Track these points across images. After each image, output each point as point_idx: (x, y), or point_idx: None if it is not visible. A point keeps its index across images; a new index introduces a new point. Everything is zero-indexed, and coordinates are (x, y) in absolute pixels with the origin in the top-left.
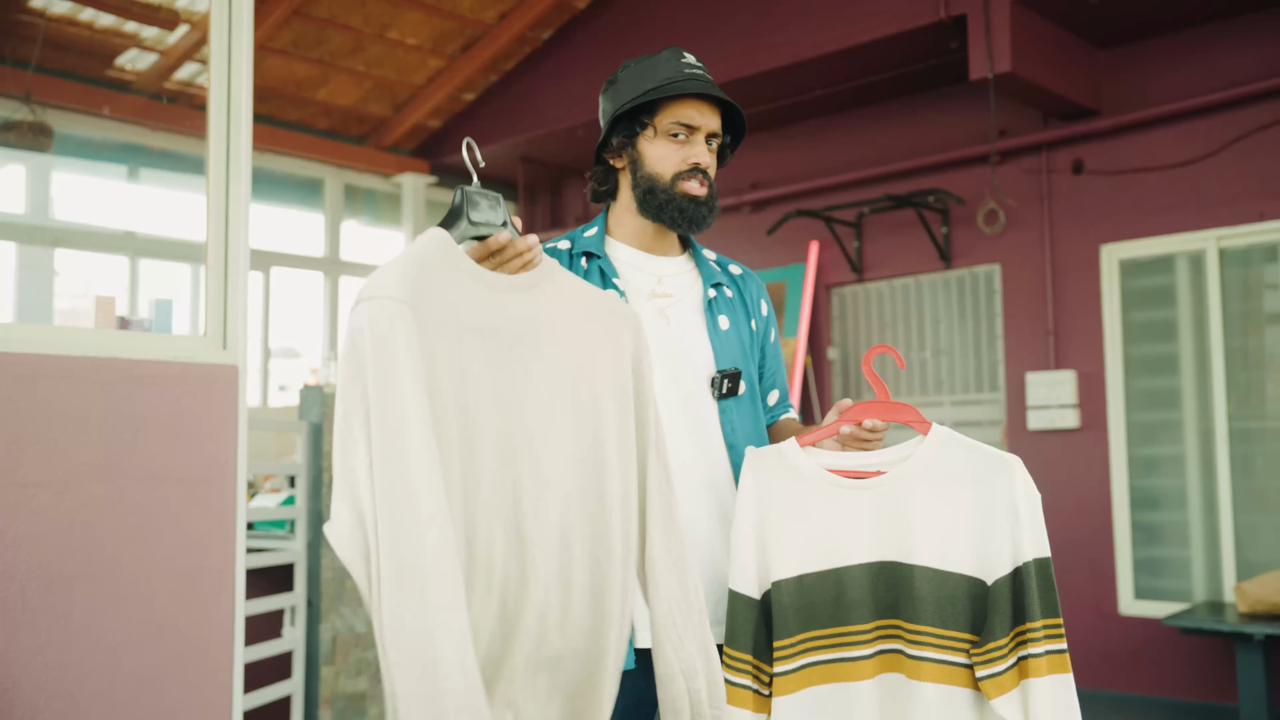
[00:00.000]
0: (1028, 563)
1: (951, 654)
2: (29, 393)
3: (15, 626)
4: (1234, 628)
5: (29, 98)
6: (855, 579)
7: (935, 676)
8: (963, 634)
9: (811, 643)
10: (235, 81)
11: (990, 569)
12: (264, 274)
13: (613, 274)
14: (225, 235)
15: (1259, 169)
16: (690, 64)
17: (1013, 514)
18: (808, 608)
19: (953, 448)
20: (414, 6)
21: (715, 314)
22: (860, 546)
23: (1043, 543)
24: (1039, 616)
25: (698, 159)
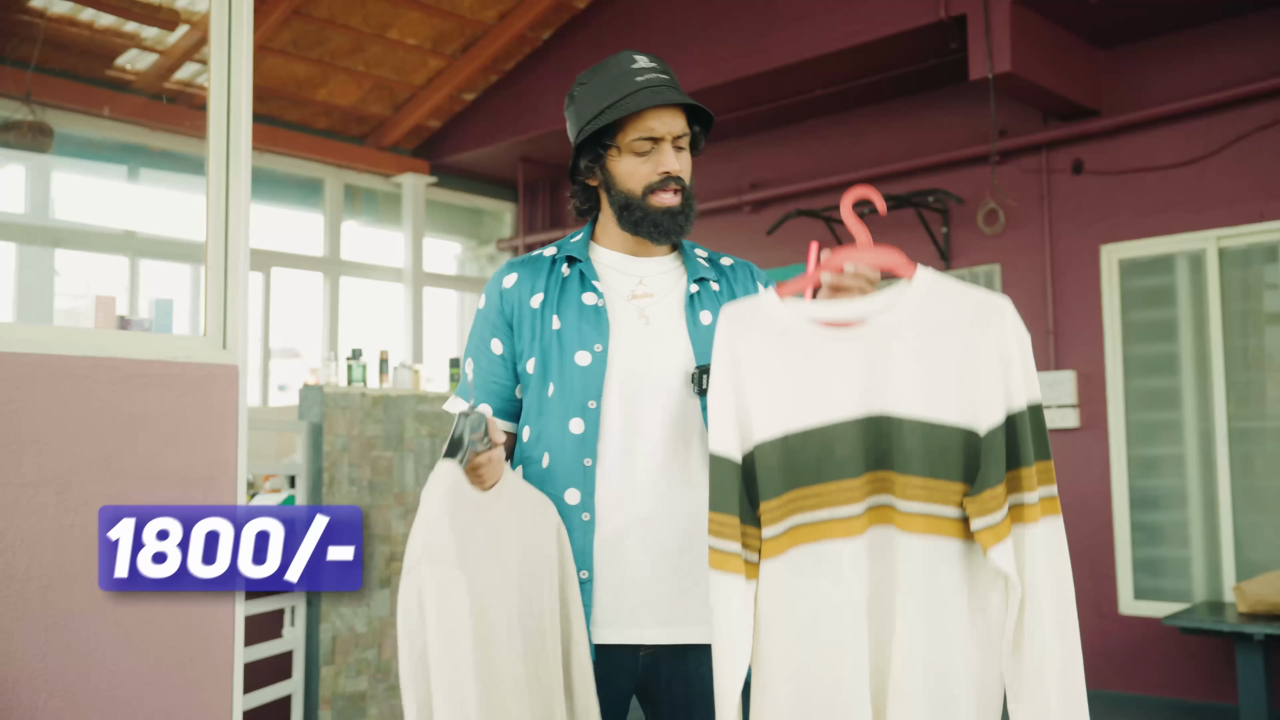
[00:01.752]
0: (1021, 410)
1: (942, 505)
2: (29, 393)
3: (15, 626)
4: (1234, 628)
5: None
6: (842, 435)
7: (924, 528)
8: (954, 484)
9: (798, 502)
10: (235, 81)
11: (982, 417)
12: (264, 274)
13: (593, 277)
14: (225, 235)
15: (1259, 169)
16: (643, 68)
17: (1004, 360)
18: (793, 467)
19: (940, 292)
20: (414, 6)
21: (697, 310)
22: (846, 400)
23: (1034, 387)
24: (1032, 461)
25: (666, 168)
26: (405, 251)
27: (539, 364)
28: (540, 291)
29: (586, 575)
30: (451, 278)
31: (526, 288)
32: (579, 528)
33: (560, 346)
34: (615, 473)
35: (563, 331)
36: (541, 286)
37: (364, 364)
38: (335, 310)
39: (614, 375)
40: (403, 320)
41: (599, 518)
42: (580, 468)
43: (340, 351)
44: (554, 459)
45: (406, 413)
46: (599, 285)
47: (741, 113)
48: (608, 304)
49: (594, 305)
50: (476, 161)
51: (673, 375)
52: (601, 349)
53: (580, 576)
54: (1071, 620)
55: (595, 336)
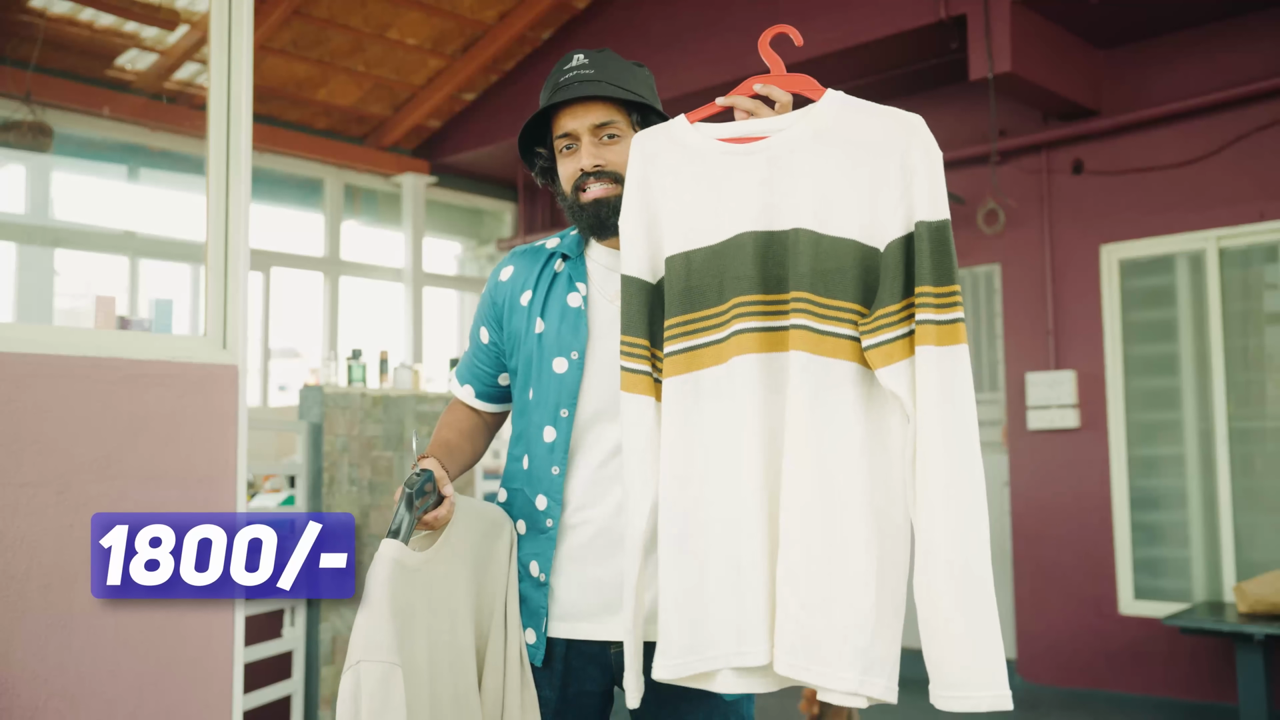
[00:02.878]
0: (920, 223)
1: (835, 325)
2: (29, 393)
3: (15, 626)
4: (1234, 628)
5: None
6: (740, 249)
7: (813, 347)
8: (849, 304)
9: (696, 323)
10: (235, 81)
11: (881, 234)
12: (264, 274)
13: (580, 278)
14: (225, 235)
15: (1259, 169)
16: (569, 69)
17: (907, 173)
18: (690, 287)
19: (847, 110)
20: (414, 6)
21: None
22: (744, 216)
23: (941, 204)
24: (929, 282)
25: (581, 164)
26: (405, 251)
27: (522, 367)
28: (530, 289)
29: (545, 578)
30: (451, 278)
31: (520, 283)
32: (544, 532)
33: (540, 351)
34: (584, 481)
35: (544, 336)
36: (532, 284)
37: (364, 364)
38: (335, 310)
39: (589, 383)
40: (403, 320)
41: (564, 524)
42: (549, 475)
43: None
44: (531, 462)
45: (406, 413)
46: (584, 286)
47: None
48: (591, 306)
49: (576, 308)
50: (476, 161)
51: None
52: (579, 356)
53: (539, 579)
54: (969, 451)
55: (573, 343)
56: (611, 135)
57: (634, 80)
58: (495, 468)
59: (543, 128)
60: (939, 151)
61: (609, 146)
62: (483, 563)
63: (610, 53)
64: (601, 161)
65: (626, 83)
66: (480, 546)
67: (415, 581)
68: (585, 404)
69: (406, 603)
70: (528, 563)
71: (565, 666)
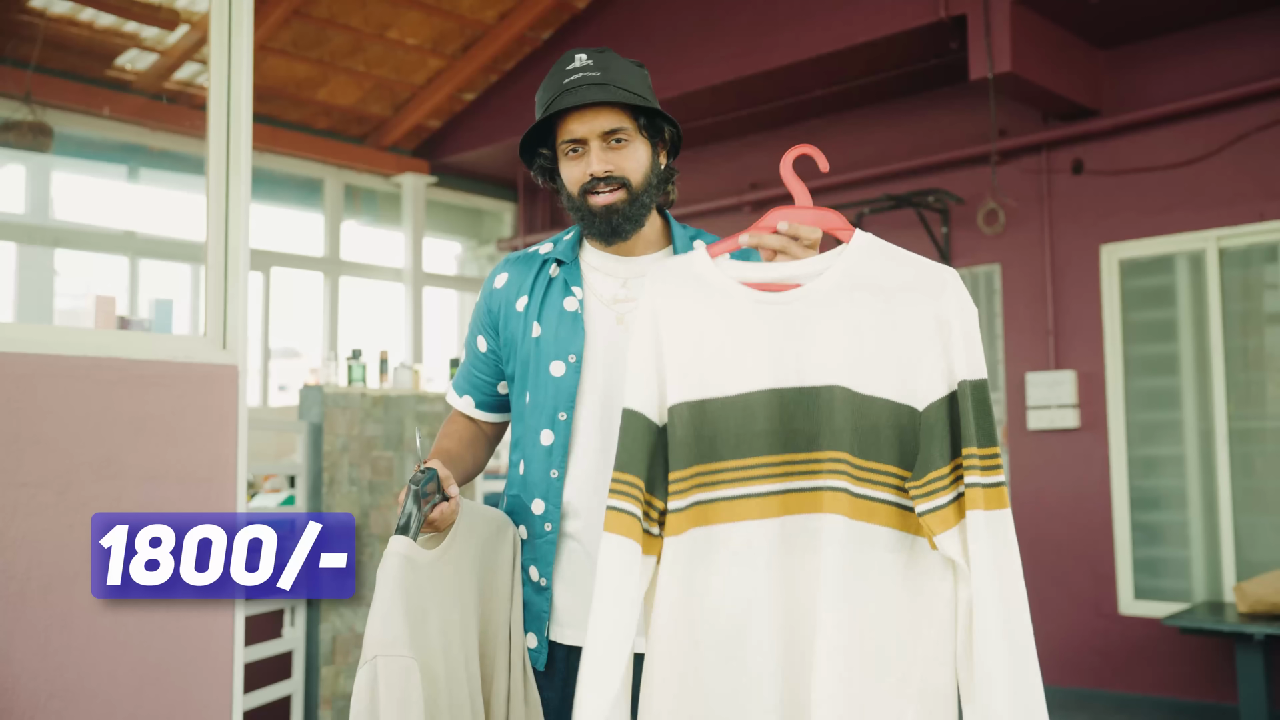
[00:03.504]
0: (964, 383)
1: (873, 488)
2: (29, 393)
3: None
4: (1234, 628)
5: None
6: (759, 407)
7: (851, 511)
8: (886, 465)
9: (706, 477)
10: (235, 81)
11: (921, 393)
12: (264, 274)
13: (575, 283)
14: (225, 235)
15: (1259, 169)
16: (574, 69)
17: (944, 331)
18: (703, 438)
19: (878, 258)
20: (414, 6)
21: None
22: (770, 370)
23: (979, 363)
24: (975, 444)
25: (592, 170)
26: (405, 251)
27: (519, 371)
28: (525, 294)
29: (545, 583)
30: (451, 278)
31: (514, 289)
32: (542, 537)
33: (538, 355)
34: (582, 485)
35: (541, 339)
36: (528, 289)
37: (364, 364)
38: (335, 310)
39: (587, 386)
40: (403, 320)
41: (563, 529)
42: (547, 479)
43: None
44: (528, 467)
45: (406, 413)
46: (580, 290)
47: (741, 113)
48: (587, 309)
49: (573, 311)
50: (476, 161)
51: None
52: (576, 359)
53: (539, 583)
54: (1023, 621)
55: (571, 346)
56: (619, 140)
57: (638, 82)
58: (495, 468)
59: (543, 126)
60: (973, 306)
61: (617, 151)
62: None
63: (611, 52)
64: (611, 167)
65: (632, 85)
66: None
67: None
68: (583, 407)
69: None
70: (528, 567)
71: (567, 670)
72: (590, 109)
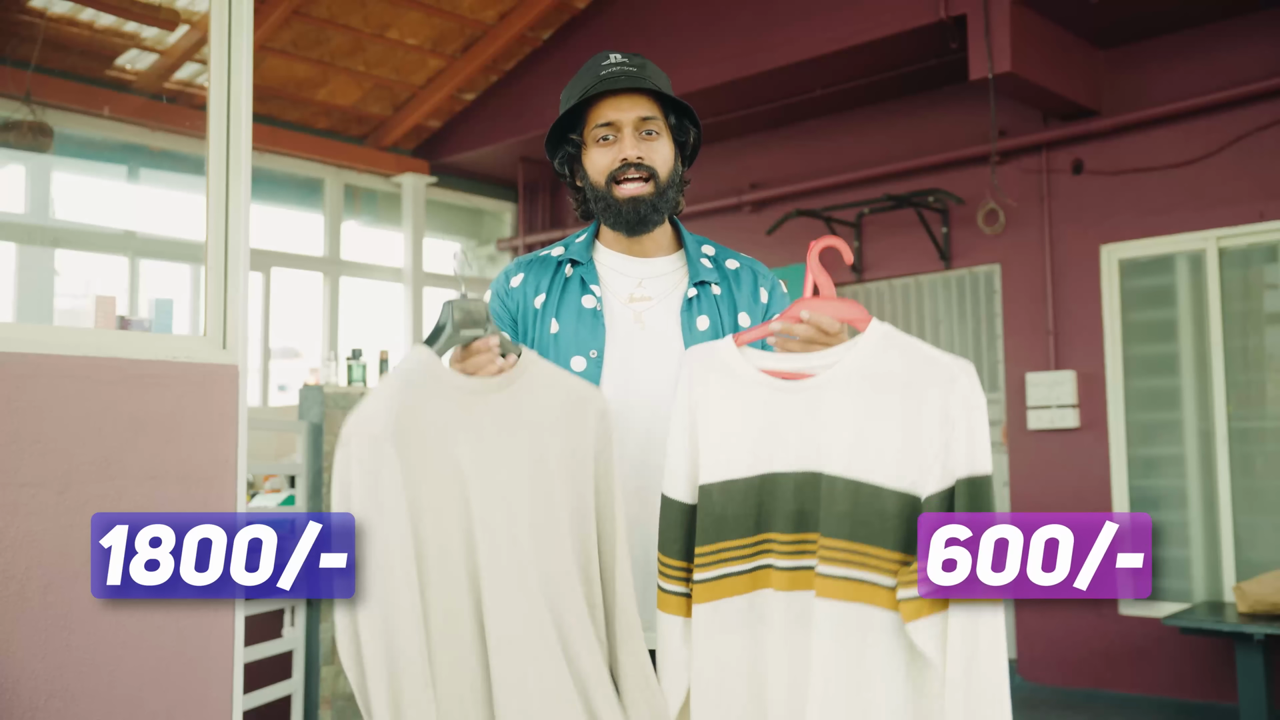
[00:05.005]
0: (960, 481)
1: (869, 572)
2: (29, 393)
3: (15, 626)
4: (1234, 628)
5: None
6: (778, 487)
7: (844, 594)
8: (886, 551)
9: (730, 552)
10: (235, 81)
11: (922, 484)
12: (264, 274)
13: (593, 281)
14: (225, 235)
15: (1259, 169)
16: (611, 64)
17: (947, 425)
18: (729, 516)
19: (891, 349)
20: (414, 6)
21: (693, 315)
22: (785, 453)
23: (981, 459)
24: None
25: (624, 154)
26: (405, 251)
27: None
28: (543, 293)
29: None
30: (451, 278)
31: (531, 288)
32: None
33: (556, 351)
34: None
35: (560, 335)
36: (545, 288)
37: (364, 364)
38: (335, 310)
39: (608, 381)
40: (403, 320)
41: None
42: None
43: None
44: None
45: None
46: (598, 288)
47: (741, 113)
48: (605, 307)
49: (592, 309)
50: (476, 161)
51: (664, 382)
52: (597, 355)
53: None
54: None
55: (591, 342)
56: (651, 132)
57: (667, 86)
58: None
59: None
60: (983, 400)
61: (648, 142)
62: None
63: (644, 57)
64: (643, 155)
65: (664, 86)
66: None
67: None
68: None
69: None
70: None
71: None
72: (627, 95)
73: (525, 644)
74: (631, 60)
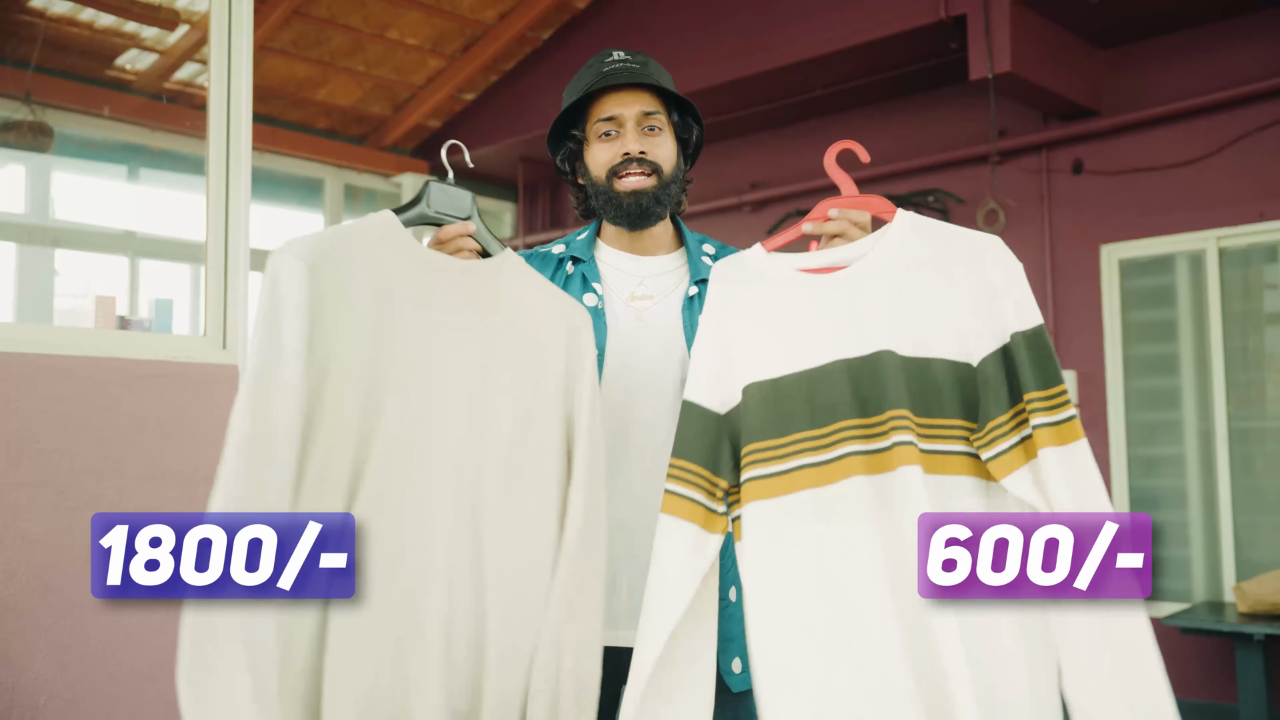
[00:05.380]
0: (1015, 334)
1: (939, 442)
2: (29, 393)
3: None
4: (1234, 628)
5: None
6: (832, 376)
7: (928, 466)
8: (952, 420)
9: (788, 447)
10: (235, 81)
11: (973, 349)
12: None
13: (594, 279)
14: (225, 235)
15: (1259, 169)
16: (614, 60)
17: (989, 291)
18: (785, 413)
19: (921, 233)
20: (414, 6)
21: (695, 313)
22: (831, 344)
23: (1031, 312)
24: (1035, 388)
25: (627, 148)
26: None
27: None
28: None
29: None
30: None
31: None
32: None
33: None
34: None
35: None
36: None
37: None
38: None
39: (609, 380)
40: None
41: None
42: None
43: None
44: None
45: None
46: (599, 286)
47: (741, 113)
48: (607, 305)
49: (593, 307)
50: (476, 161)
51: (666, 381)
52: (598, 353)
53: None
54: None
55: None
56: (653, 127)
57: (670, 83)
58: None
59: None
60: (1018, 263)
61: (651, 138)
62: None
63: (647, 55)
64: (645, 149)
65: (667, 83)
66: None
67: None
68: (605, 400)
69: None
70: None
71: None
72: (630, 90)
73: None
74: (634, 57)
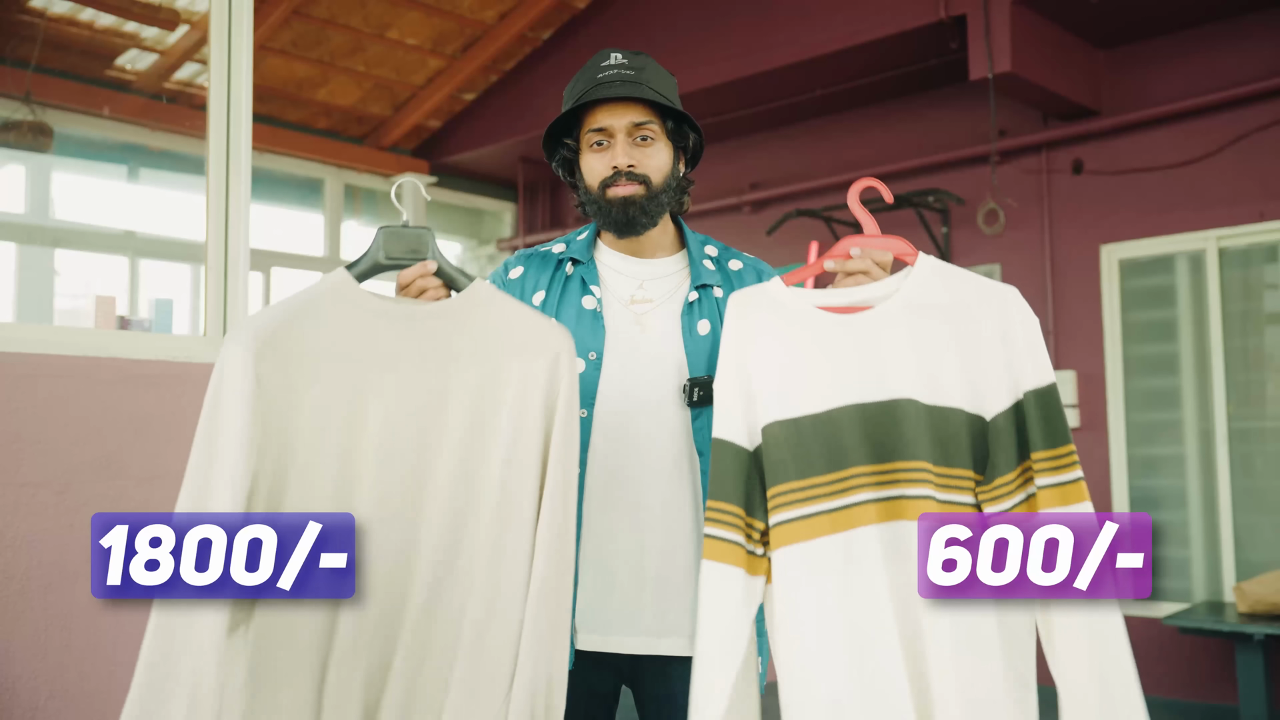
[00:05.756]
0: (1028, 393)
1: (953, 492)
2: (29, 393)
3: (15, 626)
4: (1234, 628)
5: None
6: (847, 419)
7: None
8: (965, 471)
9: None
10: (235, 81)
11: (987, 403)
12: (264, 274)
13: (594, 281)
14: (225, 235)
15: (1259, 169)
16: (610, 65)
17: (1007, 344)
18: (805, 454)
19: (941, 277)
20: (414, 6)
21: (694, 319)
22: (850, 386)
23: (1044, 370)
24: (1043, 446)
25: (615, 162)
26: None
27: None
28: (543, 290)
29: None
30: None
31: (531, 283)
32: None
33: None
34: (601, 482)
35: None
36: (545, 285)
37: None
38: None
39: (606, 384)
40: None
41: (584, 525)
42: None
43: None
44: None
45: None
46: (598, 289)
47: (741, 113)
48: (605, 309)
49: (592, 310)
50: (476, 161)
51: (664, 386)
52: (596, 357)
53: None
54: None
55: (590, 343)
56: (645, 138)
57: (669, 88)
58: None
59: (569, 119)
60: (1034, 318)
61: (642, 149)
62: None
63: (647, 56)
64: (634, 162)
65: (663, 89)
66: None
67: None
68: (602, 406)
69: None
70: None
71: (575, 667)
72: (621, 103)
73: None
74: (632, 61)
